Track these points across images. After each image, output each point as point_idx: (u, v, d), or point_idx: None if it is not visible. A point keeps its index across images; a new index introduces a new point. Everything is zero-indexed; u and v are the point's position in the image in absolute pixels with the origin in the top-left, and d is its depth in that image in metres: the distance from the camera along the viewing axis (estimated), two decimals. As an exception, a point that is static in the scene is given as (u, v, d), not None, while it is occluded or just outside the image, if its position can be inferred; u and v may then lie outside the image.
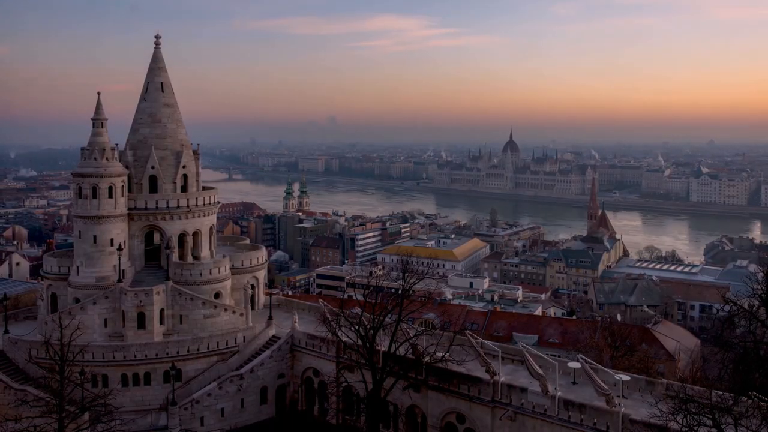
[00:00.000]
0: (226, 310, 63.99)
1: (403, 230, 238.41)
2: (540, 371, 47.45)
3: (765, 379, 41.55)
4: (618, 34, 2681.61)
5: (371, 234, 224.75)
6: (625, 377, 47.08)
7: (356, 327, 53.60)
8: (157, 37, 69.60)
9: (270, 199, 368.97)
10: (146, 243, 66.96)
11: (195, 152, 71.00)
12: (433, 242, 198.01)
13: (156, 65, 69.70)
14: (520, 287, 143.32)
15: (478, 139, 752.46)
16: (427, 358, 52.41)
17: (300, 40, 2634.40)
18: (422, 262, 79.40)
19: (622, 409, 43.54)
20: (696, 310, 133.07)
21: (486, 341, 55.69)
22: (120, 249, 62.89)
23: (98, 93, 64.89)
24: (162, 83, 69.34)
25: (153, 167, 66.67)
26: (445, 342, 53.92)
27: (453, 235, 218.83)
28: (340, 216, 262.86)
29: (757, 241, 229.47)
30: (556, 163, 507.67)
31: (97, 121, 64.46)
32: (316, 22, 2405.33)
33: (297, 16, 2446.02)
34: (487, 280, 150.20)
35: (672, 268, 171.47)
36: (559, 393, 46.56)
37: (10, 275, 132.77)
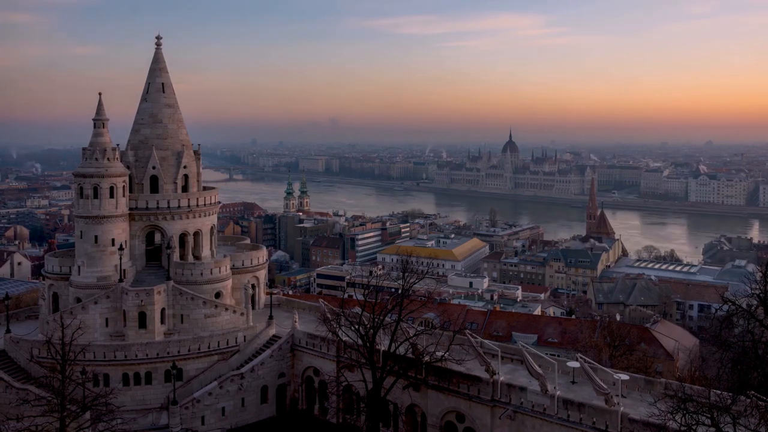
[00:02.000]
0: (226, 309, 64.20)
1: (403, 230, 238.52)
2: (539, 370, 47.68)
3: (763, 378, 41.69)
4: (616, 37, 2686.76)
5: (371, 234, 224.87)
6: (624, 376, 47.35)
7: (356, 326, 53.83)
8: (158, 38, 69.82)
9: (270, 199, 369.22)
10: (147, 243, 67.23)
11: (196, 152, 71.26)
12: (432, 242, 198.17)
13: (157, 66, 69.90)
14: (520, 287, 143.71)
15: (479, 139, 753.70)
16: (426, 358, 52.64)
17: (393, 39, 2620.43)
18: (422, 262, 79.59)
19: (621, 409, 43.78)
20: (695, 310, 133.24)
21: (485, 341, 56.00)
22: (121, 249, 63.12)
23: (99, 94, 65.25)
24: (163, 84, 69.56)
25: (154, 167, 66.91)
26: (445, 341, 54.15)
27: (453, 235, 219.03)
28: (340, 216, 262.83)
29: (755, 241, 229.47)
30: (555, 163, 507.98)
31: (99, 121, 64.66)
32: (427, 21, 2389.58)
33: (410, 15, 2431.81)
34: (486, 280, 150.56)
35: (671, 267, 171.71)
36: (558, 392, 46.80)
37: (12, 275, 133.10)
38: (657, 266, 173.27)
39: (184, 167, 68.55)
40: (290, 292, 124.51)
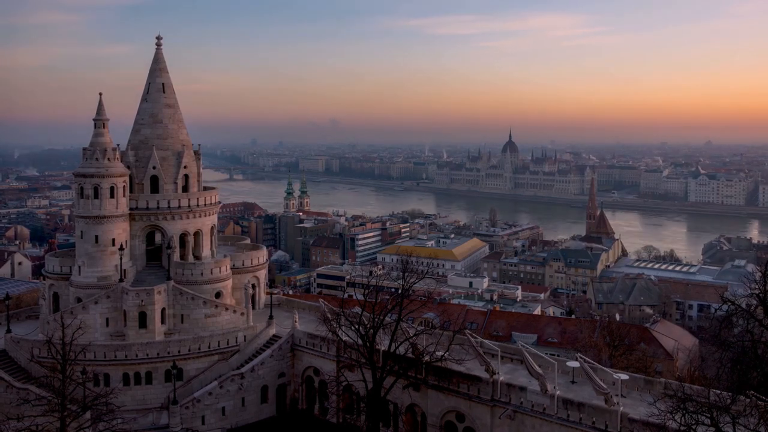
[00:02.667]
0: (227, 309, 64.28)
1: (403, 230, 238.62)
2: (539, 370, 47.75)
3: (762, 378, 41.70)
4: (617, 38, 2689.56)
5: (371, 234, 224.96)
6: (624, 376, 47.44)
7: (356, 326, 53.92)
8: (158, 38, 69.90)
9: (271, 199, 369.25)
10: (147, 243, 67.31)
11: (196, 152, 71.33)
12: (432, 242, 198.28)
13: (157, 66, 69.99)
14: (520, 287, 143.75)
15: (479, 139, 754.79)
16: (426, 358, 52.71)
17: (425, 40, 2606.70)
18: (422, 262, 79.72)
19: (621, 408, 43.85)
20: (694, 310, 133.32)
21: (485, 340, 56.09)
22: (121, 249, 63.20)
23: (100, 94, 65.30)
24: (163, 84, 69.63)
25: (154, 167, 66.98)
26: (445, 341, 54.23)
27: (452, 235, 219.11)
28: (340, 216, 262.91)
29: (754, 241, 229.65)
30: (555, 163, 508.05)
31: (99, 121, 64.70)
32: (464, 20, 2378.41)
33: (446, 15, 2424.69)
34: (486, 280, 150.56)
35: (670, 267, 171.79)
36: (558, 392, 46.88)
37: (13, 275, 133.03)
38: (656, 266, 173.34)
39: (185, 167, 68.63)
40: (290, 292, 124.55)
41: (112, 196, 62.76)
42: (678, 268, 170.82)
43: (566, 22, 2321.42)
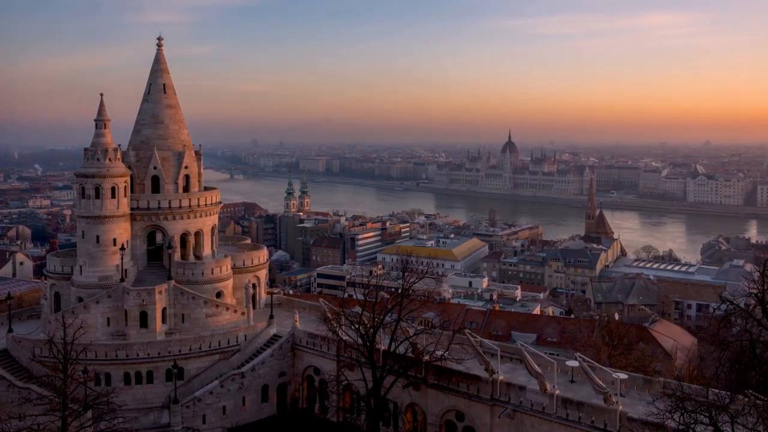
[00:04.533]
0: (227, 309, 64.52)
1: (403, 230, 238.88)
2: (538, 370, 47.98)
3: (761, 377, 41.86)
4: (617, 39, 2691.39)
5: (371, 234, 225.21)
6: (623, 376, 47.72)
7: (356, 326, 54.14)
8: (159, 38, 70.10)
9: (271, 199, 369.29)
10: (148, 242, 67.55)
11: (197, 153, 71.55)
12: (432, 242, 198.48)
13: (158, 66, 70.22)
14: (519, 286, 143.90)
15: (478, 140, 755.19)
16: (426, 357, 52.95)
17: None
18: (422, 262, 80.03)
19: (620, 407, 44.06)
20: (693, 309, 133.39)
21: (485, 340, 56.33)
22: (122, 248, 63.40)
23: (101, 94, 65.47)
24: (164, 84, 69.85)
25: (155, 168, 67.21)
26: (445, 341, 54.45)
27: (452, 235, 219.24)
28: (341, 216, 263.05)
29: (753, 241, 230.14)
30: (554, 163, 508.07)
31: (100, 122, 64.88)
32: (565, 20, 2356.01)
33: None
34: (486, 280, 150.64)
35: (669, 267, 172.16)
36: (557, 391, 47.09)
37: (14, 274, 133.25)
38: (655, 266, 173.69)
39: (186, 167, 68.87)
40: (291, 292, 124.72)
41: (113, 196, 62.98)
42: (677, 268, 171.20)
43: (563, 24, 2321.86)
